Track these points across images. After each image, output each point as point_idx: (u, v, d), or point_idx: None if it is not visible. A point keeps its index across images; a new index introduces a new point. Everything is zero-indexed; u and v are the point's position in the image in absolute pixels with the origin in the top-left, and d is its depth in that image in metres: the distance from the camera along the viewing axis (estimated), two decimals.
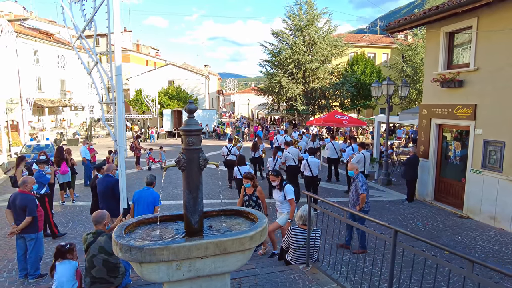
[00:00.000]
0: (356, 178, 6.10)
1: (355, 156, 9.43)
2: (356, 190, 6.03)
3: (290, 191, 5.63)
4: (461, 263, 4.43)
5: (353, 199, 6.13)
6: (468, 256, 2.34)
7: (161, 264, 2.55)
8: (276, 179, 5.77)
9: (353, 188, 6.14)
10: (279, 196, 5.77)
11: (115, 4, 5.17)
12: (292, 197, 5.62)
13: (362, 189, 5.93)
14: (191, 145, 2.83)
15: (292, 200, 5.64)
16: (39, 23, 33.82)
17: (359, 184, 5.99)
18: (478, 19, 8.16)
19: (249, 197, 5.71)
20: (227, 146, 11.86)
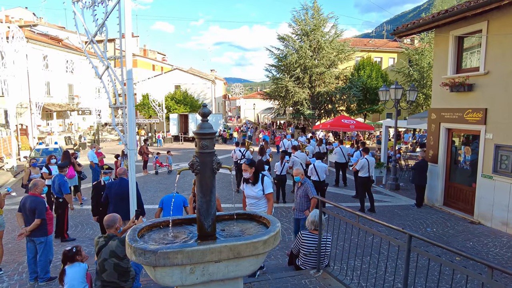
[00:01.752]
0: (304, 182, 6.01)
1: (359, 161, 9.36)
2: (306, 194, 5.93)
3: (269, 184, 5.03)
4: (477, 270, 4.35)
5: (302, 203, 6.00)
6: (488, 262, 2.30)
7: (174, 268, 2.54)
8: (248, 169, 4.94)
9: (301, 193, 5.99)
10: (257, 190, 4.99)
11: (126, 9, 5.23)
12: (271, 191, 4.99)
13: (314, 192, 5.86)
14: (205, 148, 2.83)
15: (270, 195, 4.99)
16: (49, 29, 34.35)
17: (309, 188, 5.91)
18: (488, 22, 8.10)
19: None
20: (241, 150, 11.75)
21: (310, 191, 5.93)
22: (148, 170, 15.59)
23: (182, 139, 30.44)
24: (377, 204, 9.53)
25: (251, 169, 4.93)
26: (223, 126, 34.48)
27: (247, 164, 4.93)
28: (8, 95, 17.46)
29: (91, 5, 5.73)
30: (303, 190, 5.99)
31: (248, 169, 4.93)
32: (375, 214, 8.97)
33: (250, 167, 4.94)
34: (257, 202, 5.05)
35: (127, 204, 5.44)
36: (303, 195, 5.99)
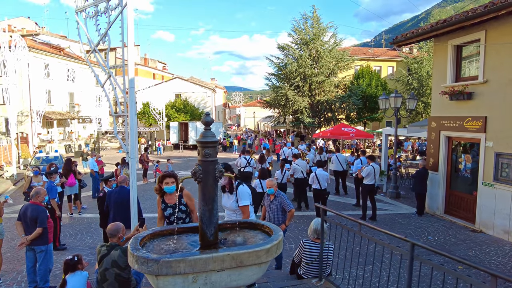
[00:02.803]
0: (278, 195, 5.67)
1: (365, 169, 9.36)
2: (281, 208, 5.60)
3: (245, 194, 4.28)
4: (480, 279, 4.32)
5: (277, 217, 5.61)
6: (492, 271, 2.29)
7: (177, 277, 2.53)
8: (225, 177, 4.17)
9: (275, 207, 5.61)
10: (231, 201, 4.35)
11: (129, 19, 5.29)
12: (246, 203, 4.22)
13: (290, 205, 5.60)
14: (208, 156, 2.84)
15: (245, 207, 4.23)
16: (50, 38, 34.64)
17: (285, 200, 5.62)
18: (486, 32, 8.20)
19: (173, 208, 4.11)
20: (246, 158, 11.72)
21: (286, 203, 5.61)
22: (148, 179, 15.57)
23: (182, 147, 30.46)
24: (378, 212, 9.50)
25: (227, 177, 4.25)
26: (223, 134, 34.54)
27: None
28: (10, 103, 17.52)
29: (94, 15, 5.80)
30: (277, 204, 5.62)
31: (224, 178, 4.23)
32: (376, 223, 8.93)
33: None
34: (233, 214, 4.43)
35: (127, 213, 5.42)
36: (278, 209, 5.62)
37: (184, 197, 4.22)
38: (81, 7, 5.93)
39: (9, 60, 17.74)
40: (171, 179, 4.09)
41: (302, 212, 10.05)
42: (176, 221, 4.10)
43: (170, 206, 4.14)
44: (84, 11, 5.96)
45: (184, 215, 4.21)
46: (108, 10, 5.65)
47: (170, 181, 4.07)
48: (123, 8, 5.40)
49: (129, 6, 5.41)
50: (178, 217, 4.15)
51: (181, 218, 4.16)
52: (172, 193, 4.13)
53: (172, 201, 4.16)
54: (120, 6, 5.46)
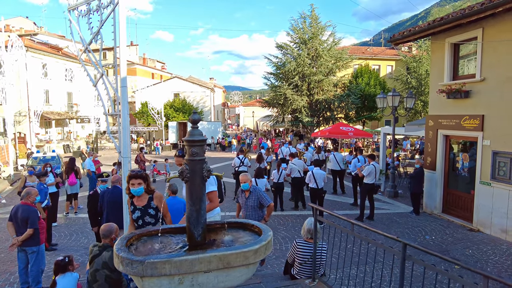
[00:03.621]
0: (253, 191, 5.33)
1: (366, 168, 9.29)
2: (258, 204, 5.28)
3: (210, 180, 3.92)
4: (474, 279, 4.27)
5: (255, 214, 5.29)
6: (483, 272, 2.24)
7: (163, 278, 2.48)
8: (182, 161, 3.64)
9: (252, 203, 5.28)
10: None
11: (121, 17, 5.24)
12: (213, 189, 3.94)
13: (268, 199, 5.30)
14: (195, 155, 2.79)
15: (213, 194, 3.92)
16: (49, 38, 34.57)
17: (262, 195, 5.30)
18: (483, 29, 8.14)
19: (142, 211, 3.77)
20: (240, 157, 11.75)
21: (263, 198, 5.28)
22: None
23: (181, 147, 30.40)
24: (376, 211, 9.45)
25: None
26: (222, 134, 34.47)
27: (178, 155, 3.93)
28: (6, 103, 17.46)
29: (87, 13, 5.74)
30: (254, 200, 5.28)
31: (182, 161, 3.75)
32: (373, 222, 8.89)
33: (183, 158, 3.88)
34: None
35: (120, 213, 5.37)
36: (254, 205, 5.29)
37: (155, 199, 3.84)
38: (73, 5, 5.87)
39: (6, 60, 17.66)
40: (137, 180, 3.73)
41: (299, 212, 10.00)
42: (143, 225, 3.75)
43: (139, 208, 3.80)
44: (76, 9, 5.91)
45: (153, 220, 3.81)
46: (100, 8, 5.60)
47: (136, 182, 3.72)
48: (115, 6, 5.34)
49: (121, 4, 5.35)
50: (146, 221, 3.78)
51: (149, 223, 3.78)
52: (141, 195, 3.79)
53: (141, 203, 3.81)
54: (112, 4, 5.40)
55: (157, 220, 3.82)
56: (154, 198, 3.85)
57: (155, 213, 3.81)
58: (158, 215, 3.82)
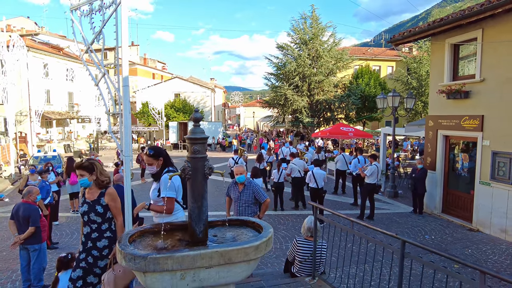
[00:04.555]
0: (248, 184, 4.92)
1: (368, 168, 9.32)
2: (253, 199, 4.91)
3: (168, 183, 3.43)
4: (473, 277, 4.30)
5: (249, 210, 4.91)
6: (480, 267, 2.27)
7: (165, 273, 2.51)
8: (153, 161, 3.59)
9: (246, 198, 4.88)
10: (152, 189, 3.70)
11: (123, 17, 5.27)
12: (170, 195, 3.46)
13: (264, 194, 4.97)
14: (197, 153, 2.82)
15: (168, 200, 3.46)
16: (50, 37, 34.65)
17: (257, 189, 4.92)
18: (483, 30, 8.18)
19: (90, 206, 3.37)
20: (234, 158, 11.92)
21: (259, 193, 4.90)
22: (146, 178, 15.55)
23: (182, 147, 30.45)
24: (376, 211, 9.48)
25: (158, 160, 3.60)
26: (223, 134, 34.52)
27: (149, 155, 3.59)
28: (8, 103, 17.51)
29: (89, 13, 5.79)
30: (248, 194, 4.87)
31: (152, 161, 3.59)
32: (373, 222, 8.92)
33: (154, 158, 3.59)
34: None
35: (123, 211, 5.41)
36: (249, 200, 4.89)
37: (106, 196, 3.39)
38: (75, 5, 5.91)
39: (7, 60, 17.72)
40: (79, 171, 3.33)
41: (300, 211, 10.04)
42: (88, 223, 3.36)
43: (87, 202, 3.39)
44: (78, 9, 5.95)
45: (100, 219, 3.36)
46: (102, 8, 5.63)
47: (79, 173, 3.34)
48: (117, 6, 5.38)
49: (124, 4, 5.40)
50: (92, 219, 3.33)
51: (94, 222, 3.35)
52: (92, 188, 3.40)
53: (91, 196, 3.40)
54: (115, 4, 5.44)
55: (104, 219, 3.39)
56: (106, 195, 3.40)
57: (103, 212, 3.37)
58: (107, 214, 3.39)
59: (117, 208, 3.46)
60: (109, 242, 3.43)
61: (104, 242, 3.40)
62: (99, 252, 3.37)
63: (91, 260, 3.36)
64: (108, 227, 3.45)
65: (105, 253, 3.40)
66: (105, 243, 3.41)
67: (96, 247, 3.37)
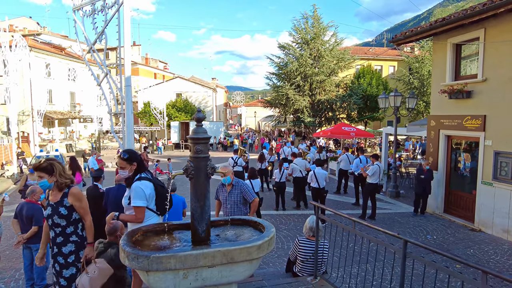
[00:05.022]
0: (236, 184, 4.77)
1: (371, 168, 9.31)
2: (241, 199, 4.76)
3: (139, 192, 3.28)
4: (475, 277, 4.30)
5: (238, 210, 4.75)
6: (482, 267, 2.28)
7: (168, 272, 2.53)
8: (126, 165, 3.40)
9: (234, 198, 4.74)
10: (124, 197, 3.56)
11: (125, 17, 5.30)
12: (139, 204, 3.27)
13: (253, 194, 4.82)
14: (199, 153, 2.84)
15: (138, 210, 3.28)
16: (52, 37, 34.77)
17: (246, 189, 4.78)
18: (485, 30, 8.16)
19: (53, 208, 3.22)
20: (233, 158, 11.95)
21: (248, 192, 4.76)
22: None
23: (183, 146, 30.50)
24: (378, 211, 9.48)
25: (131, 165, 3.38)
26: (224, 134, 34.55)
27: (123, 158, 3.38)
28: (10, 102, 17.59)
29: (91, 13, 5.82)
30: (236, 194, 4.72)
31: (126, 165, 3.38)
32: (375, 222, 8.91)
33: (128, 162, 3.38)
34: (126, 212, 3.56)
35: None
36: (237, 201, 4.73)
37: (69, 197, 3.19)
38: (78, 5, 5.94)
39: (10, 60, 17.80)
40: (38, 172, 3.19)
41: (301, 211, 10.04)
42: (52, 227, 3.19)
43: (50, 205, 3.24)
44: (81, 9, 5.99)
45: (65, 222, 3.19)
46: (105, 9, 5.67)
47: (38, 175, 3.21)
48: (120, 6, 5.42)
49: (126, 4, 5.43)
50: (55, 222, 3.18)
51: (58, 225, 3.19)
52: (54, 189, 3.24)
53: (54, 198, 3.25)
54: (117, 4, 5.47)
55: (69, 222, 3.19)
56: (69, 195, 3.20)
57: (68, 213, 3.17)
58: (73, 216, 3.20)
59: (84, 208, 3.26)
60: (76, 247, 3.23)
61: (70, 247, 3.20)
62: (64, 258, 3.20)
63: (58, 268, 3.21)
64: (73, 231, 3.24)
65: (70, 260, 3.22)
66: (71, 248, 3.21)
67: (61, 253, 3.20)
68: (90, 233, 3.29)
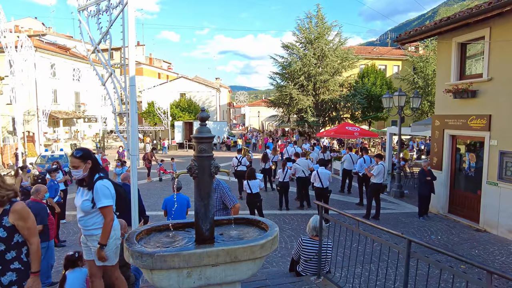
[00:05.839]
0: (216, 186, 4.22)
1: (375, 168, 9.27)
2: (221, 203, 4.34)
3: (105, 192, 3.10)
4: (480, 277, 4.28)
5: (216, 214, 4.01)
6: (487, 267, 2.27)
7: (171, 271, 2.54)
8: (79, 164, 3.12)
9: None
10: (83, 199, 3.13)
11: (130, 17, 5.32)
12: (107, 204, 3.09)
13: (234, 199, 4.36)
14: (203, 152, 2.85)
15: (106, 209, 3.10)
16: (57, 38, 35.00)
17: (226, 193, 4.31)
18: (491, 29, 8.10)
19: None
20: (237, 157, 11.95)
21: (227, 196, 4.29)
22: (152, 178, 15.67)
23: (187, 146, 30.57)
24: (382, 211, 9.45)
25: (85, 164, 3.13)
26: (228, 134, 34.59)
27: (76, 156, 3.12)
28: (16, 102, 17.74)
29: (96, 13, 5.85)
30: (216, 199, 4.23)
31: (79, 163, 3.12)
32: (379, 222, 8.88)
33: (82, 160, 3.13)
34: (84, 218, 3.15)
35: (129, 210, 5.46)
36: (216, 206, 4.20)
37: (11, 215, 2.59)
38: (83, 6, 5.98)
39: (15, 60, 17.94)
40: None
41: (305, 211, 10.03)
42: None
43: None
44: (86, 10, 6.02)
45: (3, 246, 2.58)
46: (109, 9, 5.69)
47: None
48: (124, 7, 5.44)
49: (130, 5, 5.45)
50: None
51: None
52: None
53: None
54: (121, 4, 5.49)
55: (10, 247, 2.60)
56: (11, 213, 2.59)
57: (7, 236, 2.57)
58: (14, 239, 2.61)
59: (30, 228, 2.65)
60: (18, 276, 2.63)
61: (10, 276, 2.60)
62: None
63: None
64: (16, 256, 2.63)
65: None
66: (12, 278, 2.61)
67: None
68: (36, 260, 2.67)
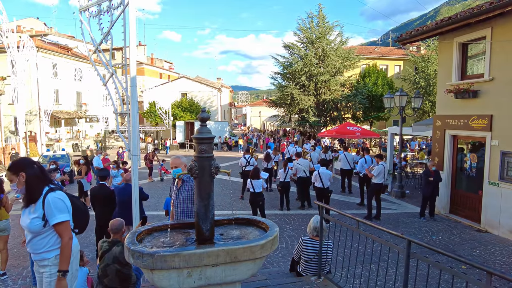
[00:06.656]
0: (187, 179, 3.83)
1: (376, 168, 9.26)
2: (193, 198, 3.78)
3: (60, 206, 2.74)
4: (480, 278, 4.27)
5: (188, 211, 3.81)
6: (486, 268, 2.27)
7: (172, 271, 2.55)
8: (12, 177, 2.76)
9: (184, 196, 3.80)
10: (33, 217, 2.73)
11: (131, 18, 5.34)
12: (62, 219, 2.71)
13: None
14: (203, 152, 2.86)
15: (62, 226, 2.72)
16: (59, 38, 35.10)
17: None
18: (492, 29, 8.08)
19: None
20: (246, 157, 11.85)
21: None
22: (153, 178, 15.70)
23: (188, 146, 30.62)
24: (383, 211, 9.44)
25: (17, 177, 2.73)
26: (229, 134, 34.61)
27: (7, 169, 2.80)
28: (18, 102, 17.80)
29: (97, 14, 5.87)
30: (187, 191, 3.79)
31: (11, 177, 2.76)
32: (380, 222, 8.88)
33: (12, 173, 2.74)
34: (34, 240, 2.76)
35: (130, 210, 5.49)
36: (187, 199, 3.79)
37: None
38: (84, 6, 6.00)
39: (17, 60, 18.01)
40: None
41: (306, 211, 10.04)
42: None
43: None
44: (87, 10, 6.04)
45: None
46: (110, 9, 5.72)
47: None
48: (125, 7, 5.46)
49: (131, 5, 5.47)
50: None
51: None
52: None
53: None
54: (122, 5, 5.51)
55: None
56: None
57: None
58: None
59: None
60: None
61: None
62: None
63: None
64: None
65: None
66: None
67: None
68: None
